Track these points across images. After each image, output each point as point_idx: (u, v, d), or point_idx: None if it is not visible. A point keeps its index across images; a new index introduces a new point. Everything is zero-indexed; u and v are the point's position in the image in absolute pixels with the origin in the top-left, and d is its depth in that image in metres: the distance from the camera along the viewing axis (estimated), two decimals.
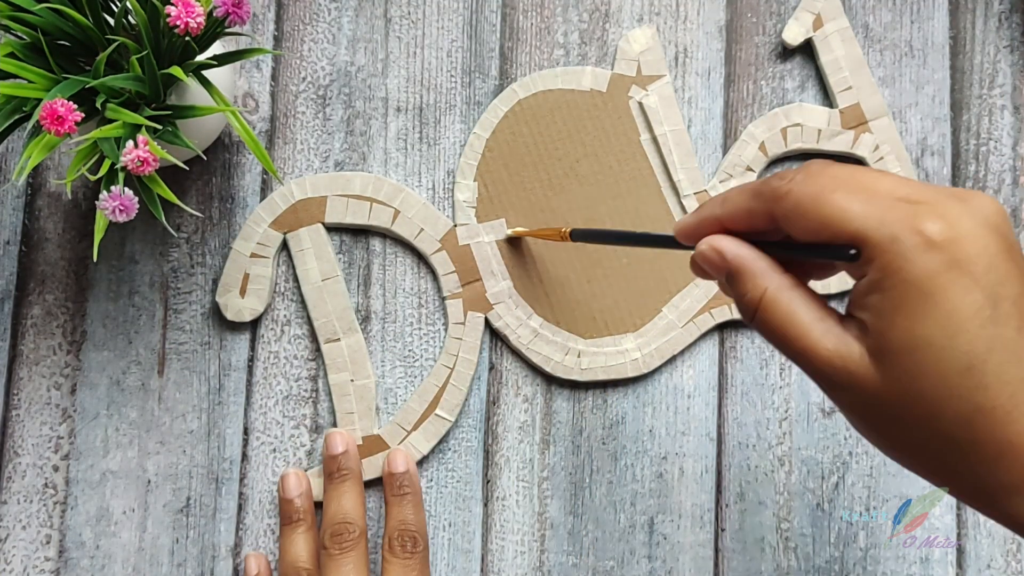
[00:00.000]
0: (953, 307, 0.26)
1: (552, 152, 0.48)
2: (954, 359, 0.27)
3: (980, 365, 0.26)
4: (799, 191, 0.29)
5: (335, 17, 0.49)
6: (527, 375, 0.47)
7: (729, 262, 0.30)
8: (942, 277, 0.27)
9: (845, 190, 0.28)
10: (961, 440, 0.27)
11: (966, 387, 0.27)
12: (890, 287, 0.27)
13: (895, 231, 0.27)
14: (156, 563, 0.45)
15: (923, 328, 0.27)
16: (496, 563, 0.46)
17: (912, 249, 0.27)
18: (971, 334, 0.27)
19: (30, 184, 0.48)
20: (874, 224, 0.27)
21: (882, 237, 0.27)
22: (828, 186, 0.28)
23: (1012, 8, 0.50)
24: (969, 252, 0.27)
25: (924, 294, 0.27)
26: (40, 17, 0.37)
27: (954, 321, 0.26)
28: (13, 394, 0.46)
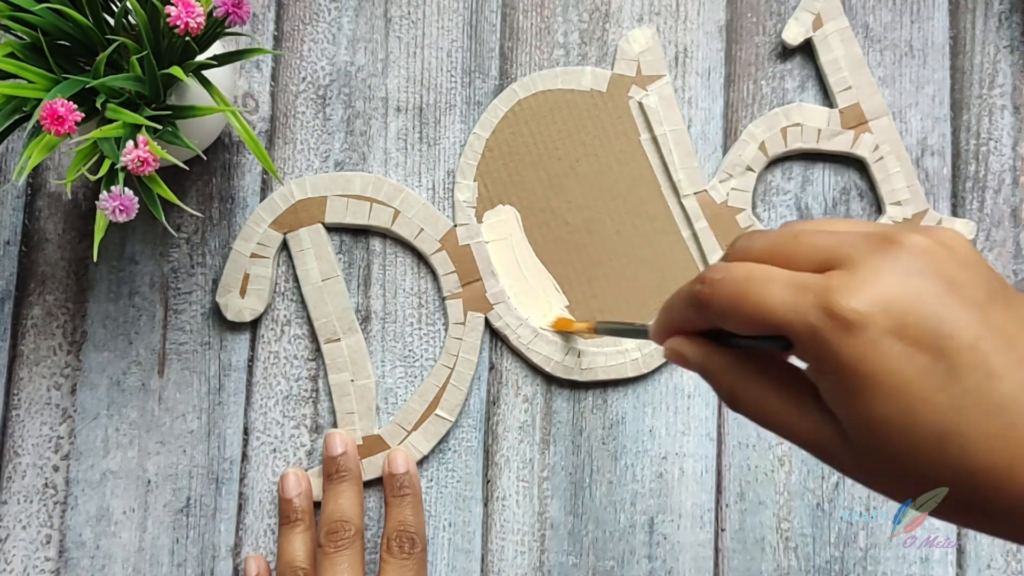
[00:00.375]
0: (898, 381, 0.24)
1: (552, 152, 0.48)
2: (920, 432, 0.24)
3: (954, 429, 0.24)
4: (719, 295, 0.27)
5: (335, 17, 0.49)
6: (527, 375, 0.47)
7: (692, 363, 0.30)
8: (872, 355, 0.24)
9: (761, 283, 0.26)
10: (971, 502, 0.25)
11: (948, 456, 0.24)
12: (829, 376, 0.25)
13: (810, 320, 0.25)
14: (156, 563, 0.45)
15: (876, 410, 0.25)
16: (496, 563, 0.46)
17: (831, 335, 0.24)
18: (929, 402, 0.24)
19: (30, 184, 0.48)
20: (792, 316, 0.25)
21: (801, 329, 0.25)
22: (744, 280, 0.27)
23: (1012, 8, 0.50)
24: (896, 316, 0.24)
25: (862, 377, 0.24)
26: (40, 17, 0.37)
27: (905, 395, 0.24)
28: (13, 394, 0.46)
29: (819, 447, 0.27)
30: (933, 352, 0.24)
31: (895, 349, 0.24)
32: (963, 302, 0.25)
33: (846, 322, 0.24)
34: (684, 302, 0.30)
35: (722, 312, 0.28)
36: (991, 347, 0.24)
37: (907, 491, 0.26)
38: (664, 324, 0.31)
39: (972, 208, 0.48)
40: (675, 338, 0.30)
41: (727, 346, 0.29)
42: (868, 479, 0.27)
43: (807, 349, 0.25)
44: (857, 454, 0.26)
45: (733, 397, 0.29)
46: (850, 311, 0.24)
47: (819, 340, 0.25)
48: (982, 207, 0.48)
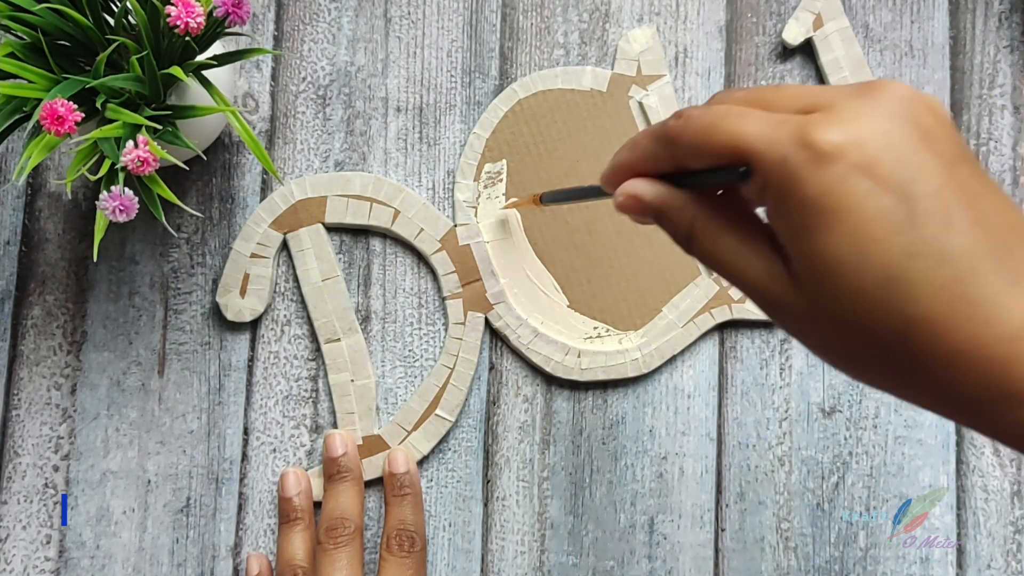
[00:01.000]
0: (858, 219, 0.24)
1: (552, 152, 0.48)
2: (870, 274, 0.24)
3: (902, 274, 0.24)
4: (693, 127, 0.27)
5: (335, 17, 0.49)
6: (527, 375, 0.47)
7: (648, 205, 0.29)
8: (839, 189, 0.24)
9: (738, 115, 0.26)
10: (903, 356, 0.25)
11: (892, 301, 0.24)
12: (789, 211, 0.25)
13: (783, 150, 0.25)
14: (156, 563, 0.45)
15: (830, 247, 0.24)
16: (496, 563, 0.46)
17: (802, 167, 0.24)
18: (885, 243, 0.24)
19: (30, 184, 0.48)
20: (763, 146, 0.25)
21: (772, 158, 0.25)
22: (721, 114, 0.27)
23: (1012, 8, 0.50)
24: (870, 153, 0.24)
25: (823, 212, 0.24)
26: (40, 17, 0.37)
27: (862, 233, 0.24)
28: (13, 394, 0.46)
29: (767, 292, 0.27)
30: (898, 194, 0.24)
31: (862, 185, 0.24)
32: (934, 153, 0.25)
33: (819, 153, 0.24)
34: (651, 138, 0.29)
35: (692, 144, 0.27)
36: (953, 199, 0.24)
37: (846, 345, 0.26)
38: (620, 165, 0.30)
39: None
40: (631, 180, 0.30)
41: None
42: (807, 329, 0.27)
43: (773, 180, 0.25)
44: (804, 298, 0.26)
45: (690, 236, 0.29)
46: (824, 142, 0.24)
47: (788, 170, 0.25)
48: None
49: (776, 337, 0.47)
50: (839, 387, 0.47)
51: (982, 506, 0.46)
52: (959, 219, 0.24)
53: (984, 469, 0.46)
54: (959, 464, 0.47)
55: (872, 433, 0.47)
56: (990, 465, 0.46)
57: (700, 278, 0.47)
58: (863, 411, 0.47)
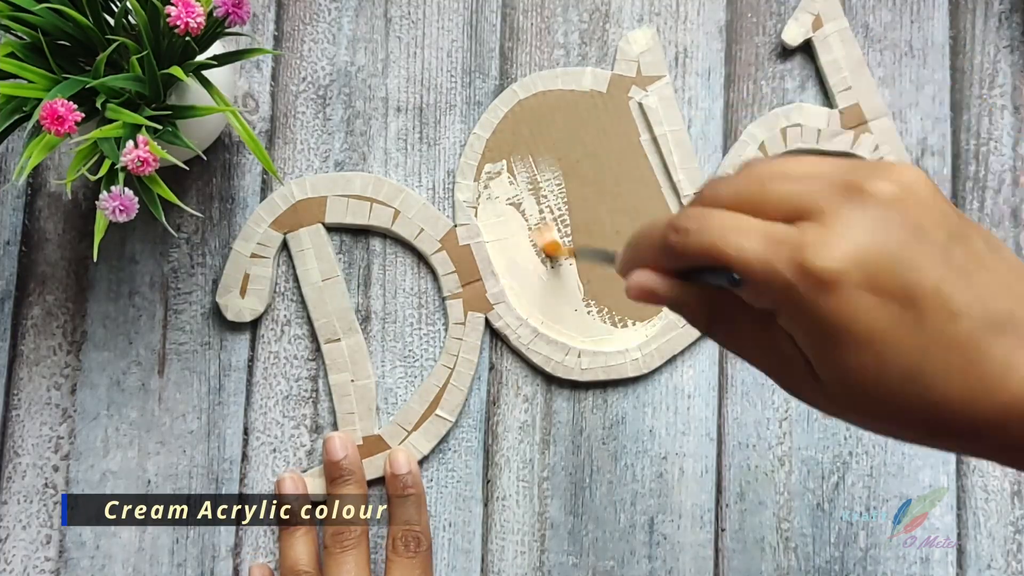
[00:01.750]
0: (870, 331, 0.25)
1: (552, 152, 0.48)
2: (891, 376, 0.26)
3: (919, 369, 0.26)
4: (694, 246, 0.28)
5: (335, 17, 0.49)
6: (527, 375, 0.47)
7: (662, 298, 0.30)
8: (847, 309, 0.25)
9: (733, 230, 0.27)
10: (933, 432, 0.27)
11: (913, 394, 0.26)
12: (803, 328, 0.26)
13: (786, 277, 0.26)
14: (156, 563, 0.45)
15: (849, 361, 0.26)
16: (496, 563, 0.46)
17: (807, 293, 0.25)
18: (899, 348, 0.26)
19: (30, 184, 0.48)
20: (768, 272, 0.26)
21: (779, 284, 0.26)
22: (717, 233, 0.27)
23: (1012, 8, 0.50)
24: (869, 268, 0.25)
25: (836, 330, 0.26)
26: (40, 17, 0.37)
27: (878, 343, 0.26)
28: (13, 394, 0.46)
29: (790, 381, 0.29)
30: (902, 301, 0.25)
31: (867, 302, 0.25)
32: (928, 248, 0.26)
33: (821, 281, 0.25)
34: (654, 248, 0.30)
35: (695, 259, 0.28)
36: (952, 288, 0.26)
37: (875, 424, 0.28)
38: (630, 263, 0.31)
39: (972, 208, 0.48)
40: (642, 271, 0.30)
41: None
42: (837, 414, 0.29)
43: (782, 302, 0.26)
44: (828, 394, 0.27)
45: (709, 328, 0.30)
46: (824, 270, 0.25)
47: (795, 296, 0.26)
48: (982, 207, 0.48)
49: None
50: None
51: (982, 506, 0.46)
52: (960, 304, 0.26)
53: (984, 469, 0.46)
54: (959, 464, 0.47)
55: (872, 433, 0.47)
56: (990, 465, 0.46)
57: None
58: None
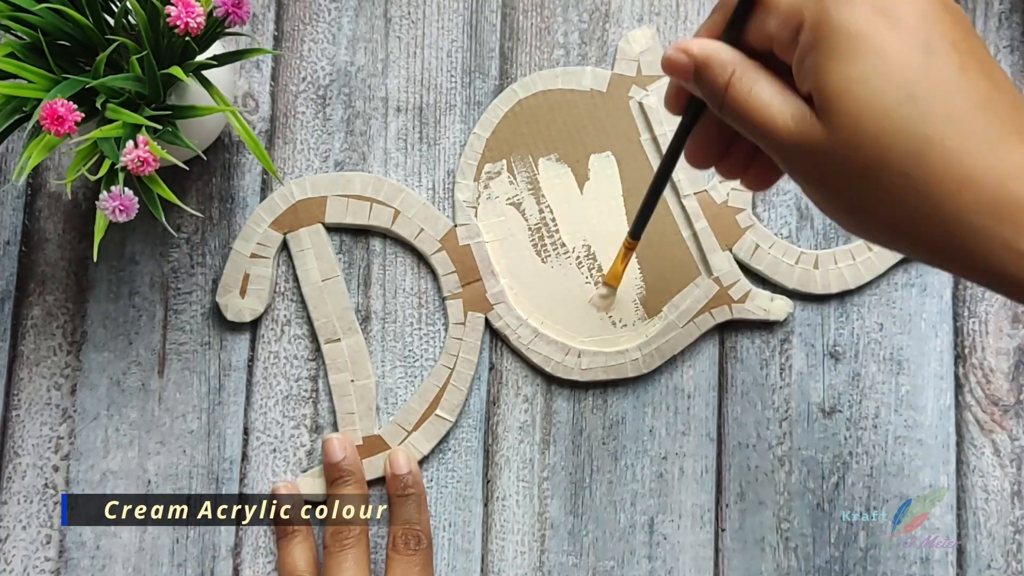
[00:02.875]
0: (884, 44, 0.27)
1: (552, 152, 0.48)
2: (891, 91, 0.26)
3: (921, 94, 0.26)
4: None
5: (335, 17, 0.49)
6: (527, 375, 0.47)
7: (696, 55, 0.31)
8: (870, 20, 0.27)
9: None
10: (914, 178, 0.27)
11: (909, 118, 0.26)
12: (820, 40, 0.27)
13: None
14: (156, 563, 0.45)
15: (856, 68, 0.27)
16: (496, 563, 0.46)
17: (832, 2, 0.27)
18: (907, 66, 0.26)
19: (30, 184, 0.48)
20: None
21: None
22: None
23: (1012, 8, 0.50)
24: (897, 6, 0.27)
25: (853, 36, 0.27)
26: (40, 17, 0.37)
27: (887, 56, 0.27)
28: (13, 394, 0.46)
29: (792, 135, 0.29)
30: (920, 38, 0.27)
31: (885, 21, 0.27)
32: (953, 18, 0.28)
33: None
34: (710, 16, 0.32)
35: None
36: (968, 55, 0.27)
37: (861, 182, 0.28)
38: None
39: None
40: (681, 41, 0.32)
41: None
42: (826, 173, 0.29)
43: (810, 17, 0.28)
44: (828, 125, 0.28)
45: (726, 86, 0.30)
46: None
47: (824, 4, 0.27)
48: None
49: (776, 337, 0.47)
50: (839, 387, 0.47)
51: (982, 506, 0.46)
52: (974, 70, 0.27)
53: (984, 469, 0.46)
54: (959, 464, 0.47)
55: (872, 433, 0.47)
56: (990, 465, 0.46)
57: (700, 278, 0.47)
58: (863, 411, 0.47)
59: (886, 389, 0.47)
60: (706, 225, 0.47)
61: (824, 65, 0.27)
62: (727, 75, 0.30)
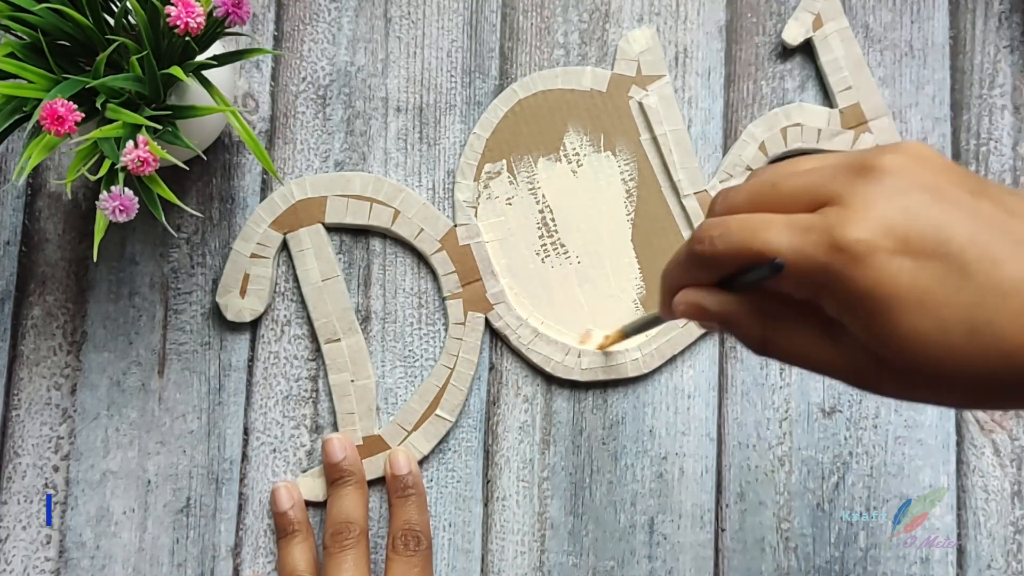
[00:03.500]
0: (918, 292, 0.25)
1: (552, 152, 0.48)
2: (954, 335, 0.25)
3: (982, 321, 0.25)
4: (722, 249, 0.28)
5: (335, 17, 0.49)
6: (527, 375, 0.47)
7: (713, 314, 0.30)
8: (887, 276, 0.25)
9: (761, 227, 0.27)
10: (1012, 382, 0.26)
11: (982, 347, 0.25)
12: (850, 309, 0.26)
13: (820, 259, 0.26)
14: (156, 563, 0.45)
15: (905, 328, 0.25)
16: (496, 563, 0.46)
17: (844, 269, 0.26)
18: (953, 304, 0.25)
19: (30, 184, 0.48)
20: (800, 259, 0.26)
21: (814, 268, 0.26)
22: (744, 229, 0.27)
23: (1012, 8, 0.50)
24: (899, 233, 0.25)
25: (884, 300, 0.25)
26: (40, 17, 0.37)
27: (929, 303, 0.25)
28: (13, 394, 0.46)
29: (856, 375, 0.28)
30: (940, 258, 0.25)
31: (906, 265, 0.25)
32: (951, 205, 0.26)
33: (854, 253, 0.25)
34: (684, 266, 0.30)
35: (727, 264, 0.28)
36: (988, 237, 0.25)
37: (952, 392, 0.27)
38: (669, 293, 0.31)
39: None
40: (687, 290, 0.30)
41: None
42: (910, 393, 0.28)
43: (823, 286, 0.26)
44: (895, 374, 0.27)
45: (763, 341, 0.29)
46: (855, 241, 0.25)
47: (833, 275, 0.26)
48: None
49: None
50: (839, 387, 0.47)
51: (982, 506, 0.46)
52: (1001, 252, 0.25)
53: (984, 469, 0.46)
54: (959, 464, 0.47)
55: (872, 433, 0.47)
56: (990, 465, 0.46)
57: None
58: (863, 411, 0.47)
59: None
60: None
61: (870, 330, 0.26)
62: (759, 331, 0.29)
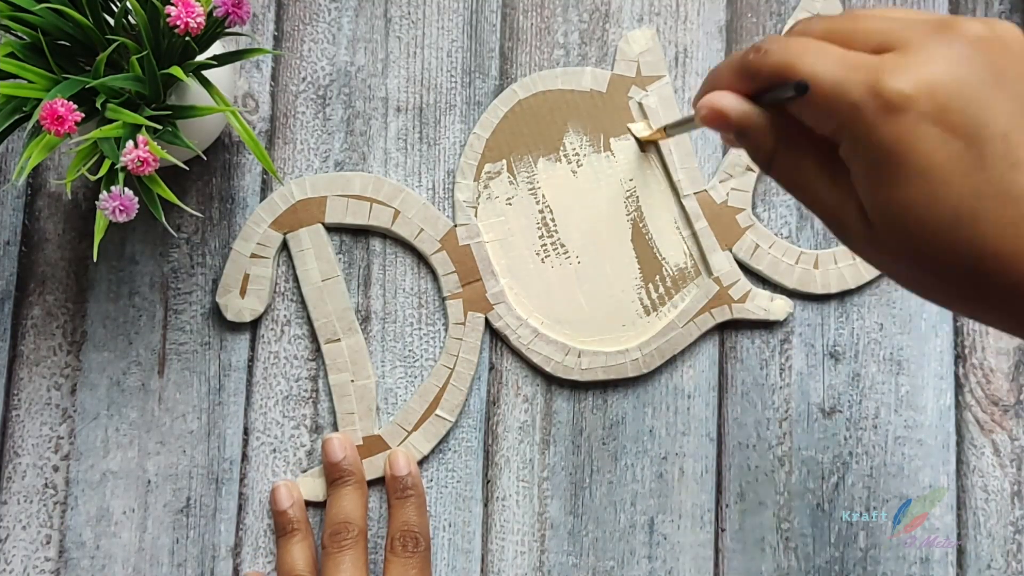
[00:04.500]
0: (927, 164, 0.25)
1: (552, 153, 0.48)
2: (940, 215, 0.25)
3: (970, 214, 0.25)
4: (770, 63, 0.28)
5: (335, 17, 0.49)
6: (527, 375, 0.47)
7: (732, 121, 0.30)
8: (909, 137, 0.25)
9: (814, 54, 0.27)
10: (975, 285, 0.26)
11: (961, 239, 0.25)
12: (862, 156, 0.26)
13: (855, 97, 0.26)
14: (156, 563, 0.45)
15: (901, 193, 0.25)
16: (496, 563, 0.46)
17: (873, 115, 0.25)
18: (953, 185, 0.25)
19: (30, 184, 0.48)
20: (838, 91, 0.26)
21: (846, 105, 0.26)
22: (797, 51, 0.27)
23: (1012, 8, 0.50)
24: (940, 100, 0.25)
25: (893, 157, 0.25)
26: (40, 17, 0.37)
27: (932, 178, 0.25)
28: (13, 394, 0.46)
29: (840, 221, 0.28)
30: (967, 139, 0.25)
31: (931, 133, 0.25)
32: (1006, 94, 0.25)
33: (889, 103, 0.25)
34: (732, 68, 0.30)
35: (769, 77, 0.28)
36: (1021, 140, 0.25)
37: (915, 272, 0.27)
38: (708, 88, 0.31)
39: None
40: (715, 92, 0.30)
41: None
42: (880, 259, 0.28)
43: (849, 128, 0.26)
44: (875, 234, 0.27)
45: (771, 158, 0.29)
46: (895, 92, 0.25)
47: (860, 118, 0.26)
48: None
49: (776, 337, 0.47)
50: (839, 387, 0.47)
51: (982, 506, 0.46)
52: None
53: (984, 469, 0.46)
54: (959, 464, 0.47)
55: (872, 433, 0.47)
56: (990, 465, 0.46)
57: (700, 278, 0.47)
58: (863, 411, 0.47)
59: (886, 389, 0.47)
60: (706, 225, 0.47)
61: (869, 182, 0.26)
62: (769, 148, 0.29)
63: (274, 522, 0.45)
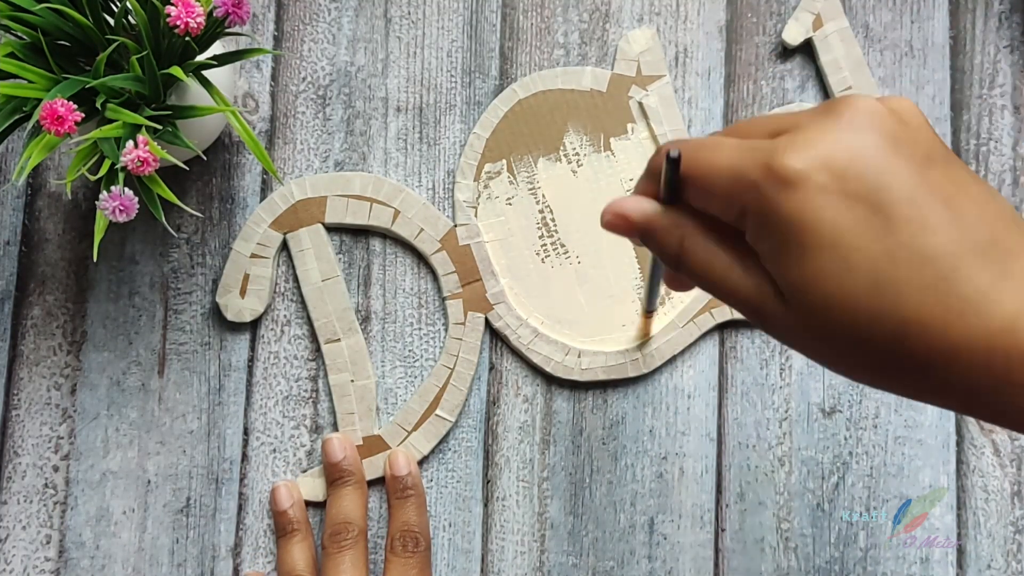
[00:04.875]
0: (835, 232, 0.24)
1: (552, 153, 0.48)
2: (856, 283, 0.24)
3: (888, 278, 0.24)
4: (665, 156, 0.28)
5: (335, 17, 0.49)
6: (527, 375, 0.47)
7: (636, 222, 0.29)
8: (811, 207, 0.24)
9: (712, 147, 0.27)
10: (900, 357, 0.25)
11: (882, 305, 0.24)
12: (768, 235, 0.26)
13: (753, 177, 0.25)
14: (156, 563, 0.45)
15: (813, 265, 0.25)
16: (496, 563, 0.46)
17: (772, 192, 0.25)
18: (866, 250, 0.24)
19: (30, 184, 0.48)
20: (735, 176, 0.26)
21: (745, 187, 0.26)
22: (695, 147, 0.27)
23: (1012, 8, 0.50)
24: (836, 169, 0.25)
25: (800, 230, 0.25)
26: (40, 17, 0.37)
27: (842, 244, 0.24)
28: (13, 394, 0.46)
29: (757, 308, 0.27)
30: (870, 205, 0.25)
31: (833, 202, 0.25)
32: (903, 159, 0.25)
33: (784, 179, 0.25)
34: (642, 176, 0.30)
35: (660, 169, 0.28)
36: (927, 202, 0.25)
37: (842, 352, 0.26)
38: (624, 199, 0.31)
39: None
40: (618, 199, 0.30)
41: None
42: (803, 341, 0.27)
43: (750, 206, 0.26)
44: (794, 314, 0.26)
45: (679, 254, 0.29)
46: (788, 168, 0.25)
47: (760, 197, 0.25)
48: None
49: None
50: (839, 387, 0.47)
51: (982, 506, 0.46)
52: (935, 221, 0.24)
53: (984, 469, 0.46)
54: (959, 464, 0.47)
55: (872, 433, 0.47)
56: (990, 465, 0.46)
57: None
58: (863, 411, 0.47)
59: None
60: None
61: (780, 260, 0.26)
62: (676, 243, 0.29)
63: (274, 522, 0.45)
